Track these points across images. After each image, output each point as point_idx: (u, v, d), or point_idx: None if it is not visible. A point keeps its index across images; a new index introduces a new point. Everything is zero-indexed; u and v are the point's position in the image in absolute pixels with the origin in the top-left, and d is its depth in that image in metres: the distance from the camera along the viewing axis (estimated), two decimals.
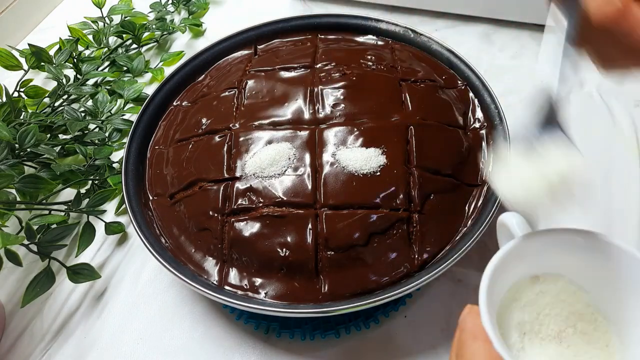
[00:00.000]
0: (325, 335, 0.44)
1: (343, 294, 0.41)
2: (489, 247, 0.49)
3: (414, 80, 0.51)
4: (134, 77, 0.68)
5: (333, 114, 0.48)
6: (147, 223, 0.46)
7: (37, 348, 0.46)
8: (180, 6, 0.78)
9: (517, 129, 0.42)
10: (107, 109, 0.62)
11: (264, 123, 0.48)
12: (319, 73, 0.52)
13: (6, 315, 0.48)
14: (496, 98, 0.50)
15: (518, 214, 0.36)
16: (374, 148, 0.44)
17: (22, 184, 0.49)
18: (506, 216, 0.36)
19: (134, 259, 0.51)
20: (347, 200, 0.42)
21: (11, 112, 0.57)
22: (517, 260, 0.33)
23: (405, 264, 0.41)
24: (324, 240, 0.41)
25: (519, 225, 0.35)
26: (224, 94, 0.52)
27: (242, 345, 0.45)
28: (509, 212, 0.36)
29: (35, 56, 0.64)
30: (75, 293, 0.49)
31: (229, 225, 0.43)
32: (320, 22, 0.60)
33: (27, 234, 0.47)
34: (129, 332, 0.47)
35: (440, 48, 0.55)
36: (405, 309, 0.46)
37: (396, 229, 0.42)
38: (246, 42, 0.59)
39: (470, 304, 0.30)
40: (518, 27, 0.68)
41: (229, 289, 0.42)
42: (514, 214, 0.36)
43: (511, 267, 0.33)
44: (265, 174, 0.44)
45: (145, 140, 0.52)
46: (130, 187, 0.48)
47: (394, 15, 0.71)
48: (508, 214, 0.36)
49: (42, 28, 0.80)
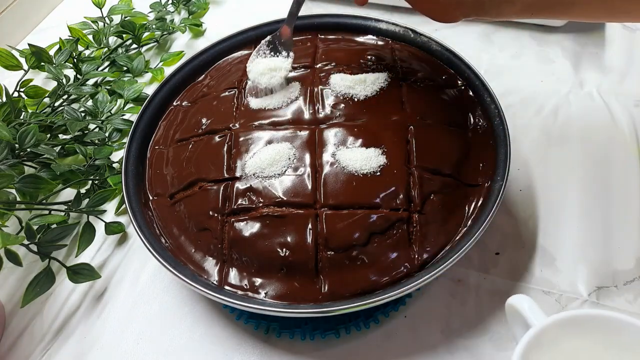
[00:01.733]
0: (325, 335, 0.44)
1: (343, 294, 0.41)
2: (489, 247, 0.49)
3: (414, 80, 0.51)
4: (134, 77, 0.68)
5: (333, 113, 0.48)
6: (147, 223, 0.46)
7: (37, 348, 0.46)
8: (180, 6, 0.78)
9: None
10: (107, 109, 0.62)
11: (264, 123, 0.48)
12: (319, 73, 0.52)
13: (6, 315, 0.48)
14: (496, 98, 0.50)
15: (527, 297, 0.36)
16: (374, 148, 0.44)
17: (22, 184, 0.49)
18: (516, 300, 0.36)
19: (134, 259, 0.51)
20: (347, 200, 0.42)
21: (11, 112, 0.57)
22: (536, 349, 0.34)
23: (405, 264, 0.41)
24: (324, 240, 0.41)
25: (531, 311, 0.35)
26: (224, 94, 0.52)
27: (242, 345, 0.45)
28: (518, 296, 0.37)
29: (35, 56, 0.64)
30: (75, 293, 0.49)
31: (229, 225, 0.43)
32: (320, 22, 0.59)
33: (27, 234, 0.47)
34: (129, 332, 0.47)
35: (440, 48, 0.55)
36: (405, 309, 0.46)
37: (396, 229, 0.42)
38: (246, 42, 0.59)
39: None
40: (518, 27, 0.68)
41: (229, 289, 0.42)
42: (524, 297, 0.36)
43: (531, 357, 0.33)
44: (265, 174, 0.44)
45: (145, 140, 0.52)
46: (130, 187, 0.48)
47: (394, 15, 0.71)
48: (518, 297, 0.36)
49: (42, 28, 0.80)
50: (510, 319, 0.38)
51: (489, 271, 0.47)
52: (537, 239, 0.49)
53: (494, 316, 0.44)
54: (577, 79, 0.62)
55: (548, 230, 0.49)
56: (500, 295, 0.46)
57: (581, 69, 0.63)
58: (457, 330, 0.44)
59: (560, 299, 0.45)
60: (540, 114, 0.59)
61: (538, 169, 0.54)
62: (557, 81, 0.62)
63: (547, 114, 0.59)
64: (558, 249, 0.48)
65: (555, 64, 0.64)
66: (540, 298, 0.45)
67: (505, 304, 0.38)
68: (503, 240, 0.49)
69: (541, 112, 0.59)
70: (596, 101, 0.59)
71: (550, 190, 0.52)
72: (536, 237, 0.49)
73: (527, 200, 0.52)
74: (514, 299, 0.36)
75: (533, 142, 0.56)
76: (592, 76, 0.62)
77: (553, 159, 0.55)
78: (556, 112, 0.59)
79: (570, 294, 0.45)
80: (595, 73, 0.62)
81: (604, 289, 0.45)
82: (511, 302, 0.37)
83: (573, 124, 0.58)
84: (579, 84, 0.61)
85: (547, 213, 0.51)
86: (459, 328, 0.44)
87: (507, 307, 0.38)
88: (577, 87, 0.61)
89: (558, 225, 0.50)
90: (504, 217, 0.50)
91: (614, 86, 0.61)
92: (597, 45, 0.65)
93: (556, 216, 0.50)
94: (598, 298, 0.45)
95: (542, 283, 0.46)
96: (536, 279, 0.46)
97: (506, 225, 0.50)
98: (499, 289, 0.46)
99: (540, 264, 0.47)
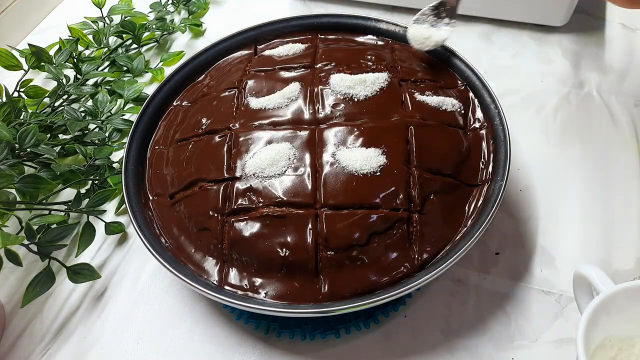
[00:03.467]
0: (325, 335, 0.44)
1: (343, 294, 0.41)
2: (489, 247, 0.49)
3: (414, 80, 0.51)
4: (134, 77, 0.68)
5: (333, 113, 0.48)
6: (147, 223, 0.46)
7: (37, 348, 0.46)
8: (180, 6, 0.78)
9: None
10: (107, 109, 0.62)
11: (264, 123, 0.48)
12: (319, 73, 0.52)
13: (6, 315, 0.48)
14: (496, 98, 0.50)
15: (597, 267, 0.37)
16: (374, 148, 0.44)
17: (22, 184, 0.49)
18: (586, 270, 0.37)
19: (134, 259, 0.51)
20: (347, 200, 0.42)
21: (11, 112, 0.57)
22: (605, 316, 0.35)
23: (405, 264, 0.41)
24: (324, 240, 0.41)
25: (600, 279, 0.36)
26: (224, 94, 0.52)
27: (242, 345, 0.45)
28: (587, 266, 0.37)
29: (35, 56, 0.64)
30: (75, 293, 0.49)
31: (229, 225, 0.43)
32: (320, 22, 0.60)
33: (27, 234, 0.47)
34: (129, 332, 0.47)
35: (440, 48, 0.55)
36: (405, 309, 0.46)
37: (396, 229, 0.42)
38: (246, 42, 0.59)
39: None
40: (518, 27, 0.68)
41: (229, 289, 0.42)
42: (593, 267, 0.37)
43: (600, 323, 0.34)
44: (265, 174, 0.44)
45: (145, 140, 0.52)
46: (130, 187, 0.48)
47: (394, 15, 0.71)
48: (587, 267, 0.37)
49: (42, 28, 0.80)
50: (577, 290, 0.39)
51: (489, 271, 0.47)
52: (537, 239, 0.49)
53: (494, 316, 0.44)
54: (577, 79, 0.62)
55: (548, 230, 0.49)
56: (500, 295, 0.46)
57: (581, 69, 0.63)
58: (457, 330, 0.44)
59: (560, 299, 0.45)
60: (540, 114, 0.59)
61: (538, 169, 0.54)
62: (557, 81, 0.62)
63: (547, 114, 0.59)
64: (558, 249, 0.48)
65: (555, 64, 0.64)
66: (540, 298, 0.45)
67: (573, 274, 0.39)
68: (503, 240, 0.49)
69: (541, 112, 0.59)
70: (596, 101, 0.59)
71: (550, 190, 0.52)
72: (536, 237, 0.49)
73: (527, 200, 0.52)
74: (584, 269, 0.37)
75: (533, 142, 0.56)
76: (592, 76, 0.62)
77: (553, 159, 0.55)
78: (556, 112, 0.59)
79: (571, 294, 0.45)
80: (595, 73, 0.62)
81: None
82: (580, 271, 0.37)
83: (573, 124, 0.58)
84: (579, 84, 0.61)
85: (547, 213, 0.51)
86: (459, 328, 0.44)
87: (575, 277, 0.38)
88: (577, 87, 0.61)
89: (558, 225, 0.50)
90: (504, 217, 0.50)
91: (614, 86, 0.61)
92: (597, 45, 0.66)
93: (556, 216, 0.50)
94: None
95: (542, 283, 0.46)
96: (536, 279, 0.46)
97: (506, 225, 0.50)
98: (499, 289, 0.46)
99: (540, 264, 0.47)
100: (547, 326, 0.44)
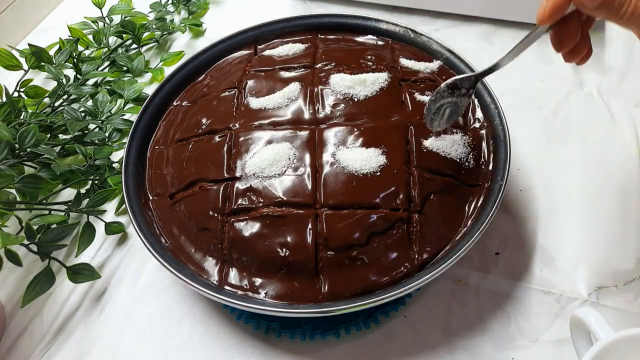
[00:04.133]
0: (325, 335, 0.44)
1: (343, 294, 0.41)
2: (489, 247, 0.49)
3: (414, 80, 0.51)
4: (134, 77, 0.68)
5: (333, 114, 0.48)
6: (147, 223, 0.46)
7: (37, 348, 0.46)
8: (180, 6, 0.78)
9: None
10: (107, 109, 0.62)
11: (264, 123, 0.48)
12: (319, 73, 0.52)
13: (6, 315, 0.48)
14: (496, 98, 0.50)
15: (594, 310, 0.36)
16: (374, 148, 0.44)
17: (22, 184, 0.49)
18: (583, 313, 0.36)
19: (134, 259, 0.51)
20: (347, 200, 0.42)
21: (11, 112, 0.57)
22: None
23: (405, 264, 0.41)
24: (324, 240, 0.41)
25: (598, 324, 0.35)
26: (224, 94, 0.52)
27: (242, 345, 0.45)
28: (584, 309, 0.36)
29: (35, 56, 0.64)
30: (75, 293, 0.49)
31: (229, 225, 0.43)
32: (320, 22, 0.60)
33: (27, 234, 0.47)
34: (129, 332, 0.47)
35: (440, 48, 0.55)
36: (405, 309, 0.46)
37: (396, 229, 0.42)
38: (246, 42, 0.59)
39: None
40: (518, 27, 0.68)
41: (229, 289, 0.42)
42: (591, 310, 0.36)
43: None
44: (265, 174, 0.44)
45: (145, 140, 0.52)
46: (130, 187, 0.48)
47: (394, 15, 0.71)
48: (584, 310, 0.36)
49: (42, 28, 0.80)
50: (574, 332, 0.38)
51: (489, 271, 0.47)
52: (537, 239, 0.49)
53: (494, 316, 0.44)
54: (577, 79, 0.62)
55: (548, 230, 0.49)
56: (501, 295, 0.46)
57: (581, 69, 0.63)
58: (457, 330, 0.44)
59: (560, 299, 0.45)
60: (540, 114, 0.59)
61: (538, 169, 0.54)
62: (557, 81, 0.62)
63: (547, 114, 0.59)
64: (558, 249, 0.48)
65: (555, 64, 0.64)
66: (540, 298, 0.45)
67: (569, 316, 0.37)
68: (503, 240, 0.49)
69: (541, 112, 0.59)
70: (596, 101, 0.59)
71: (550, 190, 0.52)
72: (536, 237, 0.49)
73: (527, 200, 0.52)
74: (581, 313, 0.36)
75: (533, 142, 0.56)
76: (592, 76, 0.62)
77: (553, 159, 0.55)
78: (556, 112, 0.59)
79: (570, 294, 0.45)
80: (595, 73, 0.62)
81: (604, 288, 0.45)
82: (577, 314, 0.36)
83: (573, 124, 0.58)
84: (579, 84, 0.61)
85: (547, 213, 0.51)
86: (459, 328, 0.44)
87: (571, 320, 0.37)
88: (577, 87, 0.61)
89: (558, 225, 0.50)
90: (504, 217, 0.50)
91: (614, 86, 0.61)
92: (597, 45, 0.65)
93: (556, 216, 0.50)
94: (598, 298, 0.45)
95: (542, 283, 0.46)
96: (536, 279, 0.46)
97: (506, 225, 0.50)
98: (499, 289, 0.46)
99: (540, 264, 0.47)
100: (547, 326, 0.44)
